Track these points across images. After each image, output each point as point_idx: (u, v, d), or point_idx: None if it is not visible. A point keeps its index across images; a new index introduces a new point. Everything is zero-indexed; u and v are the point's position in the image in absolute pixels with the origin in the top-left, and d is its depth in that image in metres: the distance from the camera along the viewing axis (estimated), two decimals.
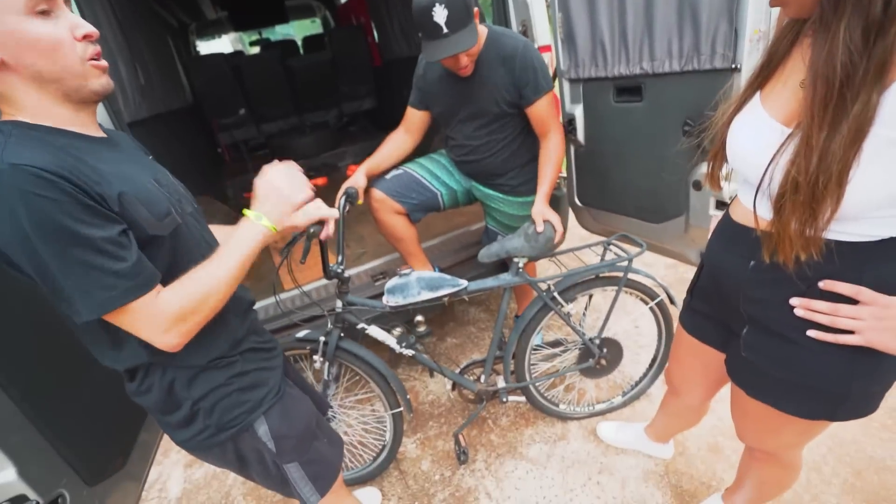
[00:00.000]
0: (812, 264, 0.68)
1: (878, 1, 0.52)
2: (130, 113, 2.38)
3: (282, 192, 0.83)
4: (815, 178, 0.60)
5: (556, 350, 1.79)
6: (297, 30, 6.76)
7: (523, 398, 1.78)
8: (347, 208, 1.63)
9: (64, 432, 0.97)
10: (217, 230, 0.96)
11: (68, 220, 0.61)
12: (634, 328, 2.20)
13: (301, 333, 1.55)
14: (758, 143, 0.72)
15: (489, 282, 1.56)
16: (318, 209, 0.88)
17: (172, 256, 0.76)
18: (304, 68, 4.15)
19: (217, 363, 0.85)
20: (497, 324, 1.63)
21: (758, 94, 0.75)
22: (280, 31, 6.22)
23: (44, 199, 0.60)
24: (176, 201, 0.83)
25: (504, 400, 1.73)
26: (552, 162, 1.61)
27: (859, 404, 0.76)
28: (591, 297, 1.71)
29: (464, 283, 1.50)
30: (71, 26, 0.66)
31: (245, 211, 0.82)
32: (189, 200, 0.90)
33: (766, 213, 0.73)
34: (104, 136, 0.77)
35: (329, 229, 0.94)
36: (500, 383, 1.72)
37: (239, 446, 0.92)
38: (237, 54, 4.94)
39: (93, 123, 0.76)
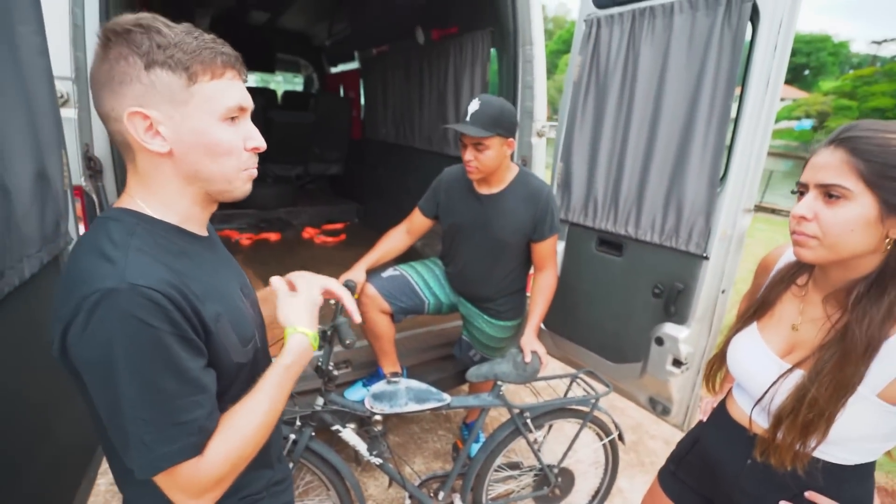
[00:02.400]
0: (804, 482, 0.81)
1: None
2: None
3: (309, 297, 0.80)
4: (811, 416, 0.75)
5: (513, 472, 1.82)
6: (275, 82, 6.82)
7: None
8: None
9: None
10: None
11: (167, 357, 0.56)
12: (576, 460, 2.30)
13: None
14: (758, 366, 0.87)
15: (471, 400, 1.60)
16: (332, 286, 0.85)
17: (250, 381, 0.71)
18: (285, 123, 4.15)
19: (245, 501, 0.77)
20: (468, 442, 1.64)
21: (755, 323, 0.92)
22: (257, 78, 6.23)
23: (152, 331, 0.55)
24: (258, 317, 0.79)
25: None
26: (545, 297, 1.75)
27: None
28: (551, 426, 1.80)
29: (448, 398, 1.52)
30: (245, 136, 0.66)
31: (288, 332, 0.74)
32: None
33: (762, 421, 0.86)
34: (206, 234, 0.74)
35: (349, 309, 0.89)
36: (457, 502, 1.69)
37: None
38: None
39: (206, 221, 0.73)
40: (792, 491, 0.85)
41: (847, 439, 0.78)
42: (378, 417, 1.75)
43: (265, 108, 4.09)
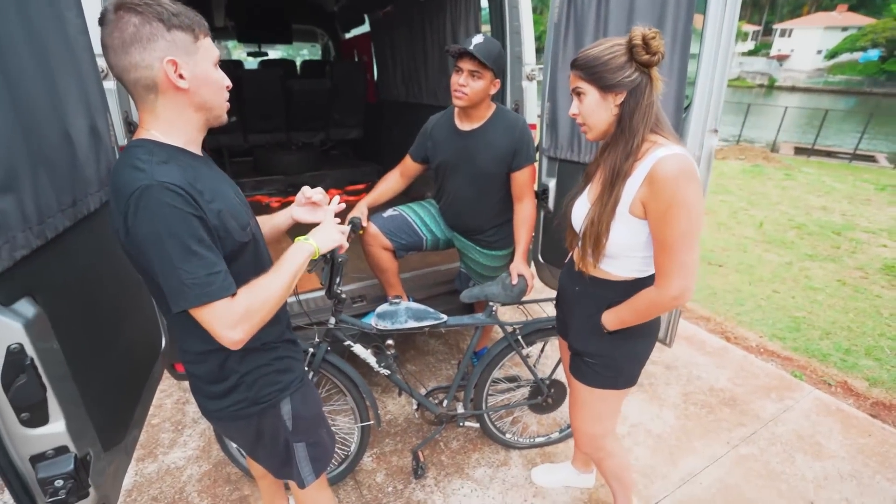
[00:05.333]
0: (605, 294, 1.26)
1: (630, 146, 1.09)
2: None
3: (335, 230, 1.14)
4: (595, 230, 1.15)
5: (511, 385, 2.05)
6: (294, 51, 7.00)
7: (477, 425, 2.01)
8: (351, 236, 1.86)
9: (94, 401, 1.11)
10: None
11: (192, 228, 0.83)
12: None
13: None
14: (583, 213, 1.23)
15: (465, 319, 1.82)
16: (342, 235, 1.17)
17: (255, 257, 1.00)
18: (303, 91, 4.36)
19: (265, 346, 1.06)
20: (465, 356, 1.88)
21: (587, 188, 1.28)
22: (282, 52, 6.42)
23: (179, 211, 0.82)
24: (249, 210, 1.06)
25: (461, 424, 1.95)
26: (527, 225, 1.93)
27: (628, 378, 1.34)
28: (545, 343, 2.01)
29: (444, 317, 1.75)
30: (222, 77, 0.94)
31: (298, 238, 1.07)
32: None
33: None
34: (202, 155, 0.99)
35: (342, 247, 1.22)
36: (460, 409, 1.95)
37: (262, 421, 1.10)
38: (237, 64, 5.09)
39: (200, 144, 0.99)
40: (600, 306, 1.28)
41: (621, 251, 1.17)
42: (390, 342, 2.02)
43: (283, 78, 4.30)
